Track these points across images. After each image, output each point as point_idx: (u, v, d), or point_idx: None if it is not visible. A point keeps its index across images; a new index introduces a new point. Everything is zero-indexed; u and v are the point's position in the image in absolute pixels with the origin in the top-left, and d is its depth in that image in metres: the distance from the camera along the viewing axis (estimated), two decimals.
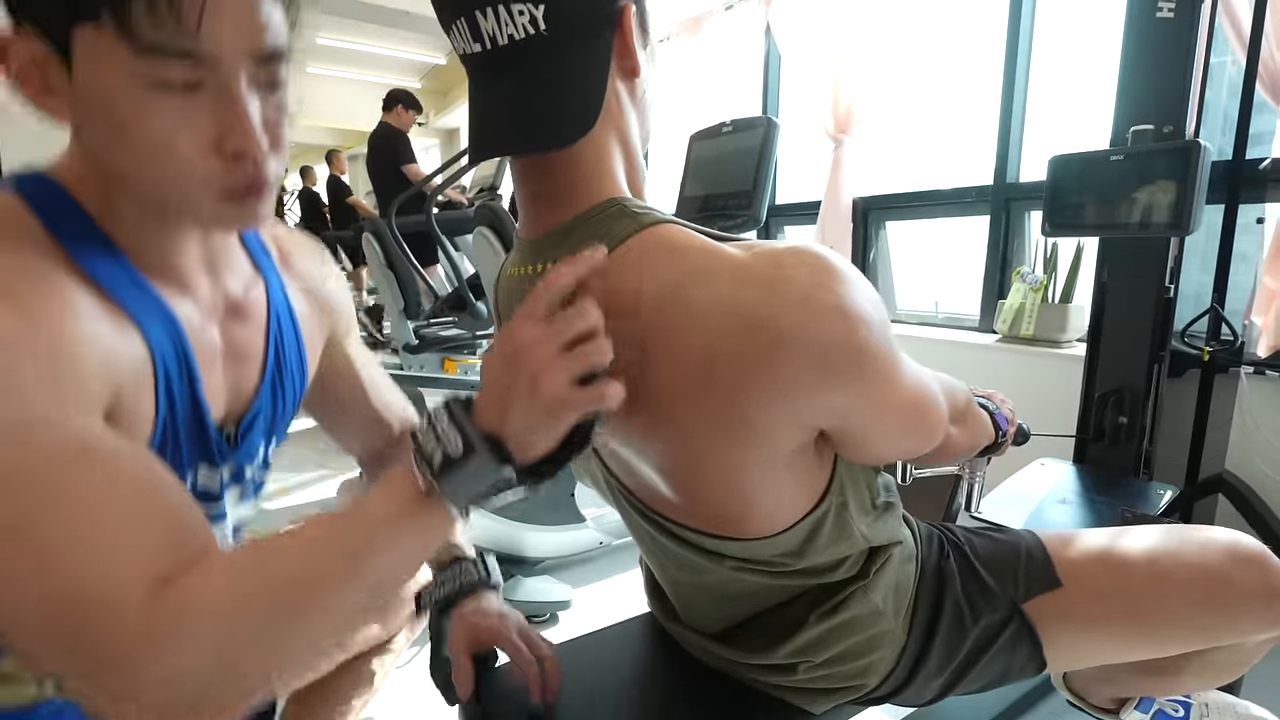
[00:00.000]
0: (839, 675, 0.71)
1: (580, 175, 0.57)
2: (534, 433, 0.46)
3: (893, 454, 0.64)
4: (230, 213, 0.50)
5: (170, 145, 0.45)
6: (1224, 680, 0.79)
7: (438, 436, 0.45)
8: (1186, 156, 1.20)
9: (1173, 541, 0.71)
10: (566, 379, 0.45)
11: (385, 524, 0.45)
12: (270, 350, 0.63)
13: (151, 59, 0.43)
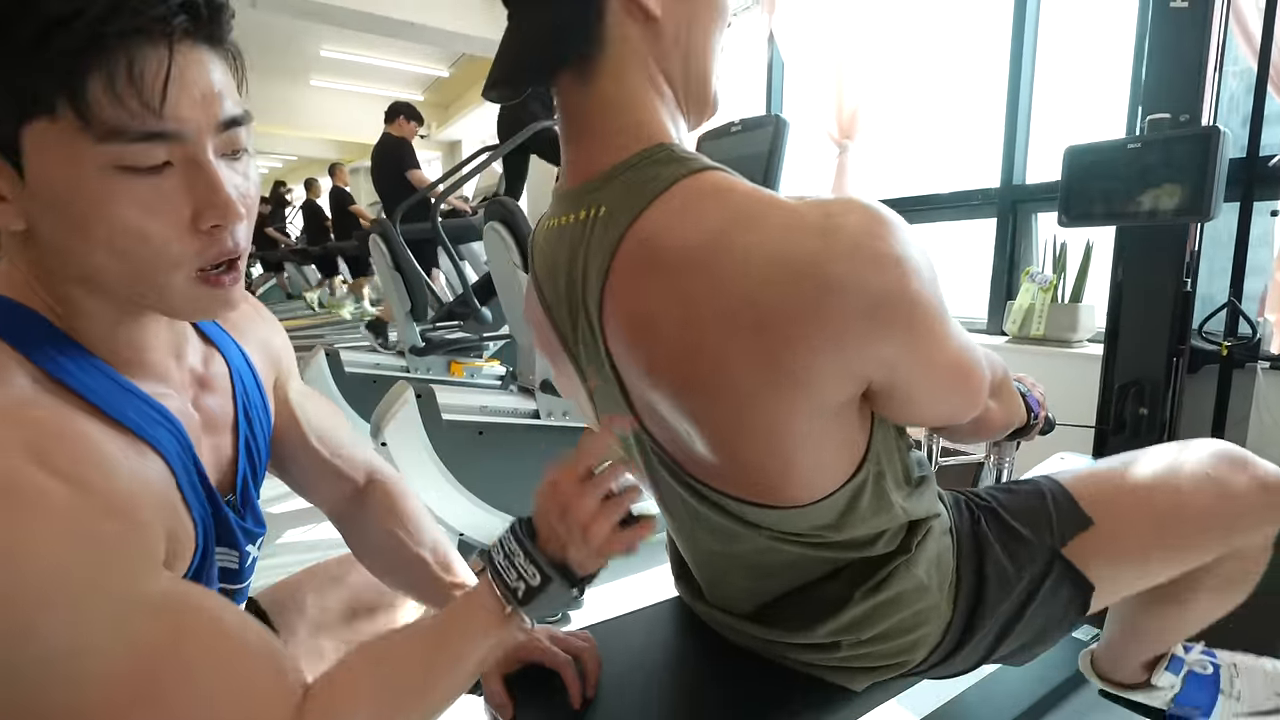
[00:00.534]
0: (882, 653, 0.69)
1: (616, 116, 0.57)
2: (588, 563, 0.57)
3: (936, 415, 0.63)
4: (206, 297, 0.48)
5: (143, 230, 0.43)
6: (1238, 597, 0.80)
7: (518, 571, 0.56)
8: (1206, 142, 1.20)
9: (1174, 460, 0.75)
10: (608, 527, 0.56)
11: (477, 640, 0.55)
12: (240, 414, 0.62)
13: (115, 144, 0.41)
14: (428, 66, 7.07)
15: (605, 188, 0.57)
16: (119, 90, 0.40)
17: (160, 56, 0.41)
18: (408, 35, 5.20)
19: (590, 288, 0.58)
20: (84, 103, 0.40)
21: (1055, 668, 1.23)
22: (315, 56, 6.80)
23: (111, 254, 0.44)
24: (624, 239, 0.55)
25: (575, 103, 0.59)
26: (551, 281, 0.65)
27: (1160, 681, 0.91)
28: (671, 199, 0.54)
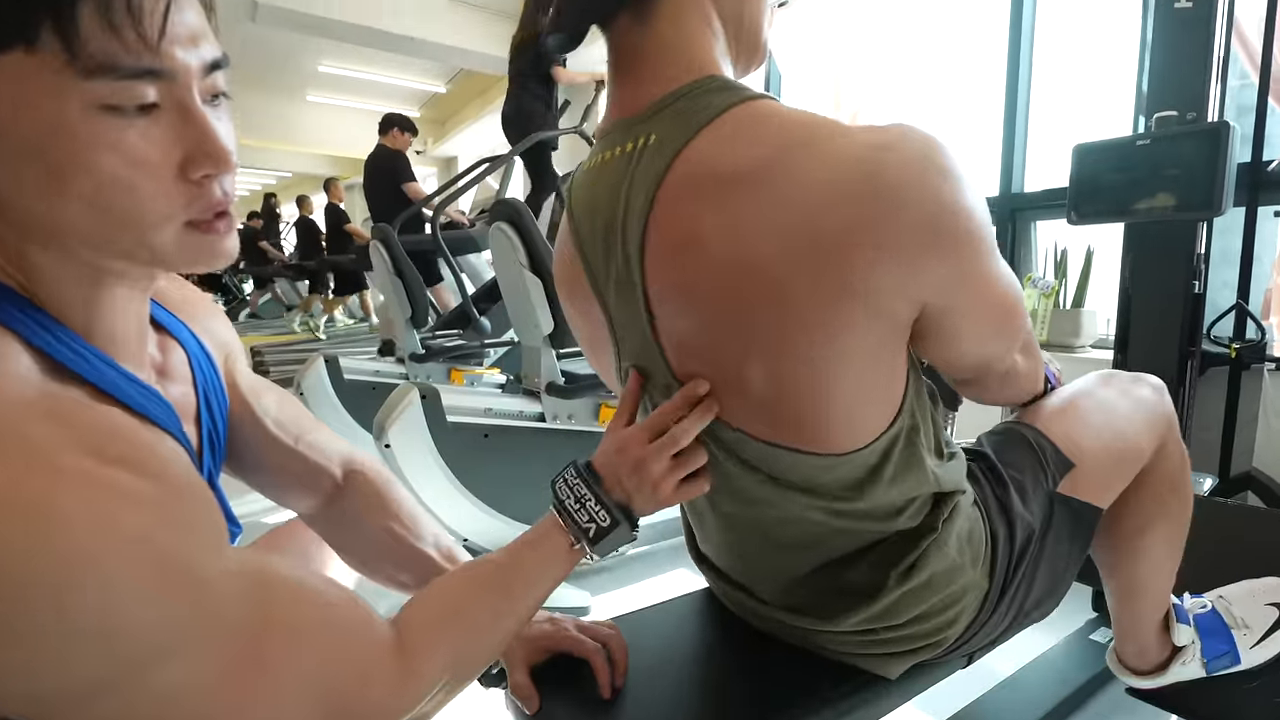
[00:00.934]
0: (920, 633, 0.68)
1: (670, 54, 0.58)
2: (648, 509, 0.63)
3: (978, 354, 0.63)
4: (200, 243, 0.44)
5: (131, 182, 0.39)
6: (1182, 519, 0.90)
7: (590, 514, 0.61)
8: (1216, 137, 1.21)
9: (1109, 388, 0.84)
10: (674, 484, 0.62)
11: (549, 574, 0.60)
12: (201, 404, 0.58)
13: (104, 80, 0.37)
14: (425, 82, 7.12)
15: (654, 118, 0.57)
16: (115, 20, 0.37)
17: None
18: (407, 50, 5.25)
19: (633, 216, 0.57)
20: (73, 32, 0.36)
21: (1078, 668, 1.22)
22: (313, 72, 6.84)
23: (91, 208, 0.40)
24: (673, 165, 0.55)
25: (631, 43, 0.59)
26: (589, 218, 0.64)
27: (1181, 639, 0.94)
28: (723, 125, 0.54)
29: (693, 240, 0.54)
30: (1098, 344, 2.23)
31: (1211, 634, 0.96)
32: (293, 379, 2.61)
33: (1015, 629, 0.82)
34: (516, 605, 0.58)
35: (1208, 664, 0.95)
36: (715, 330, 0.56)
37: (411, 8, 4.87)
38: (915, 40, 2.92)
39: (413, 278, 2.65)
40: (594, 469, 0.63)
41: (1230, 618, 0.98)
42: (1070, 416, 0.80)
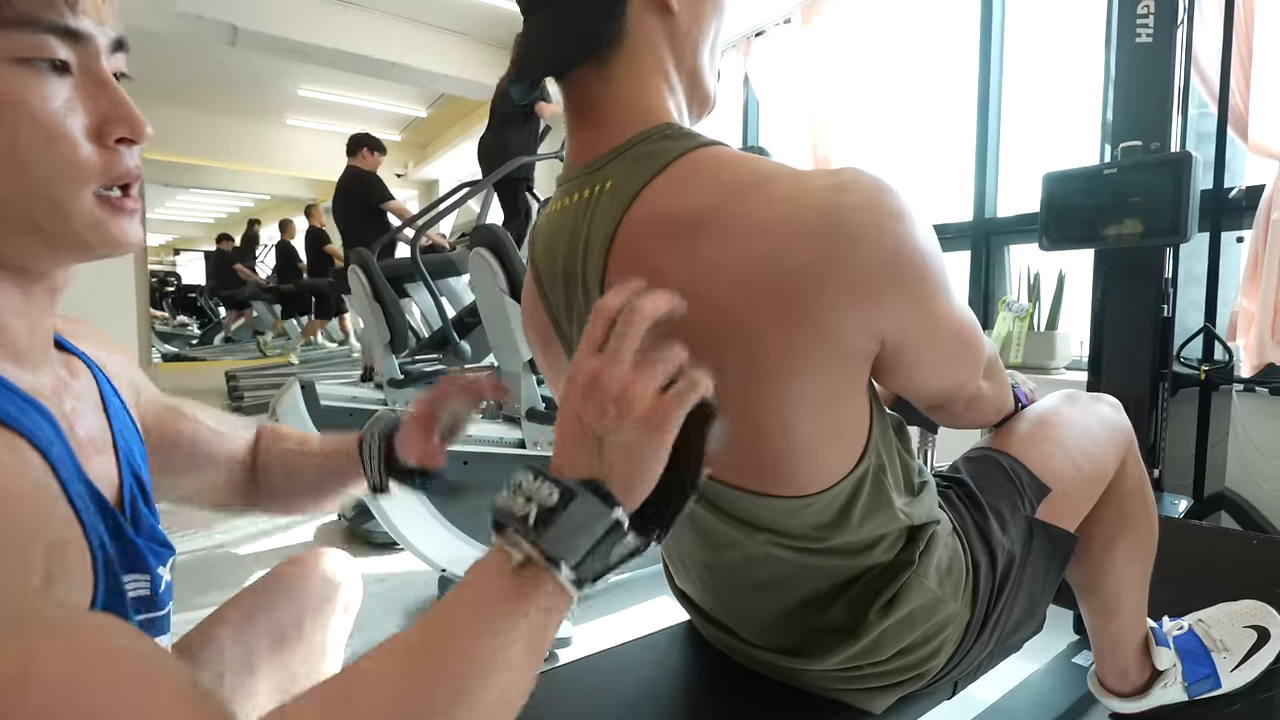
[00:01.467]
0: (905, 666, 0.67)
1: (626, 104, 0.59)
2: (636, 461, 0.40)
3: (941, 384, 0.64)
4: (111, 221, 0.43)
5: (52, 130, 0.39)
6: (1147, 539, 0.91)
7: (526, 495, 0.38)
8: (1180, 166, 1.25)
9: (1075, 409, 0.86)
10: (652, 388, 0.40)
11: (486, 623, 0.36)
12: (114, 430, 0.55)
13: (23, 32, 0.38)
14: (406, 106, 7.13)
15: (610, 165, 0.58)
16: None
17: None
18: (389, 75, 5.25)
19: (592, 258, 0.58)
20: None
21: (1061, 692, 1.21)
22: (293, 96, 6.83)
23: (7, 161, 0.39)
24: (629, 210, 0.56)
25: (589, 93, 0.60)
26: (549, 262, 0.64)
27: (1162, 662, 0.94)
28: (676, 171, 0.55)
29: (652, 275, 0.52)
30: (1072, 366, 2.27)
31: (1192, 657, 0.97)
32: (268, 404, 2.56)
33: (998, 656, 0.82)
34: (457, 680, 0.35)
35: (1189, 687, 0.96)
36: None
37: (394, 34, 4.90)
38: (890, 69, 2.99)
39: (391, 302, 2.63)
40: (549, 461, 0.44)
41: (1210, 640, 0.98)
42: (1042, 440, 0.81)
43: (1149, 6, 1.38)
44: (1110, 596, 0.90)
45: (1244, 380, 1.73)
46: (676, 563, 0.75)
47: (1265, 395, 1.69)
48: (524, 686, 0.37)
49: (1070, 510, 0.80)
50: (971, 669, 0.76)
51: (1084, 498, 0.82)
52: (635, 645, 0.81)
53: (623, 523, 0.39)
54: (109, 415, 0.55)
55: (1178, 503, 1.42)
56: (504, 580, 0.37)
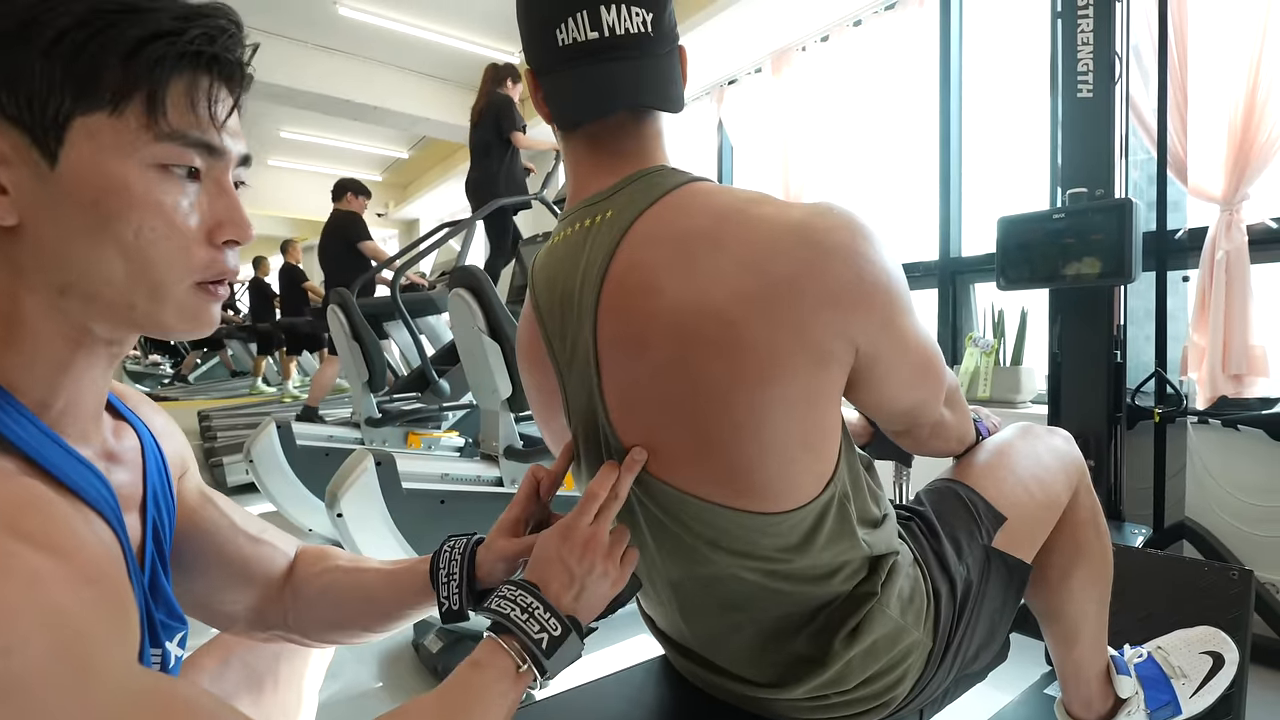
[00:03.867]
0: (870, 695, 0.69)
1: (641, 151, 0.67)
2: (596, 606, 0.60)
3: (904, 400, 0.68)
4: (200, 305, 0.49)
5: (173, 224, 0.45)
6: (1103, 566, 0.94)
7: (540, 623, 0.55)
8: (1122, 211, 1.33)
9: (1029, 442, 0.90)
10: (618, 555, 0.61)
11: (494, 705, 0.52)
12: (149, 495, 0.57)
13: (171, 144, 0.45)
14: (387, 148, 7.23)
15: (612, 197, 0.65)
16: (196, 101, 0.45)
17: (218, 82, 0.47)
18: (371, 118, 5.35)
19: (590, 278, 0.63)
20: (161, 103, 0.44)
21: None
22: (275, 137, 6.90)
23: (124, 255, 0.44)
24: (629, 232, 0.62)
25: (620, 135, 0.67)
26: (549, 290, 0.69)
27: (1124, 690, 0.97)
28: (672, 199, 0.62)
29: (647, 290, 0.60)
30: (1038, 399, 2.33)
31: (1153, 684, 0.99)
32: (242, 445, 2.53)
33: (963, 684, 0.84)
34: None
35: (1151, 714, 0.98)
36: (662, 379, 0.60)
37: (376, 78, 5.00)
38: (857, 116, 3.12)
39: (370, 341, 2.64)
40: (530, 582, 0.58)
41: (1169, 667, 1.01)
42: (999, 471, 0.85)
43: (1088, 65, 1.48)
44: (1070, 625, 0.93)
45: (1198, 413, 1.79)
46: (648, 595, 0.76)
47: (1218, 427, 1.75)
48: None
49: (1026, 537, 0.83)
50: (936, 696, 0.78)
51: (1039, 525, 0.86)
52: (610, 681, 0.82)
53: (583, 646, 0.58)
54: (145, 477, 0.57)
55: (1137, 533, 1.46)
56: (507, 676, 0.53)
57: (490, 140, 3.49)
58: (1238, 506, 1.69)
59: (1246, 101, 1.76)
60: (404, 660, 1.75)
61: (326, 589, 0.70)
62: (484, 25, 4.40)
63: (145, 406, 0.63)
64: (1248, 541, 1.67)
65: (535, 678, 0.54)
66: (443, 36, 4.49)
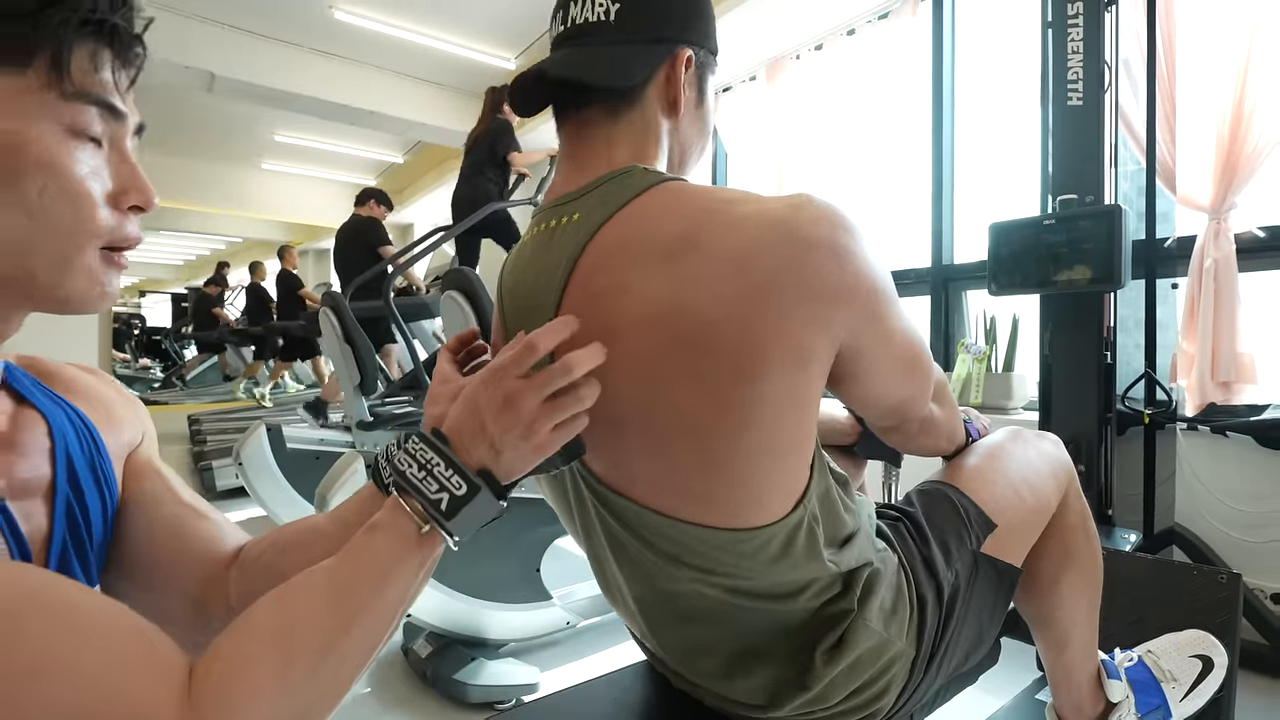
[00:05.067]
0: (855, 707, 0.68)
1: (615, 150, 0.66)
2: (518, 465, 0.52)
3: (891, 396, 0.66)
4: (104, 276, 0.49)
5: (82, 188, 0.45)
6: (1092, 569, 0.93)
7: (440, 481, 0.49)
8: (1111, 217, 1.34)
9: (1020, 446, 0.90)
10: (551, 426, 0.51)
11: (395, 571, 0.47)
12: (61, 479, 0.54)
13: (77, 104, 0.45)
14: (382, 153, 7.23)
15: (582, 198, 0.63)
16: (98, 61, 0.46)
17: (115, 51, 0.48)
18: (367, 123, 5.34)
19: (553, 279, 0.61)
20: (65, 63, 0.44)
21: None
22: (269, 141, 6.88)
23: (28, 214, 0.44)
24: (595, 236, 0.60)
25: (595, 132, 0.66)
26: (515, 289, 0.68)
27: (1115, 695, 0.96)
28: (644, 201, 0.60)
29: (612, 291, 0.58)
30: (1029, 406, 2.34)
31: (1143, 688, 0.99)
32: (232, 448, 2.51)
33: (953, 687, 0.83)
34: (366, 613, 0.45)
35: (1141, 718, 0.98)
36: (624, 383, 0.56)
37: (372, 83, 5.01)
38: (850, 124, 3.14)
39: (362, 344, 2.63)
40: (441, 432, 0.52)
41: (1159, 671, 1.01)
42: (988, 472, 0.84)
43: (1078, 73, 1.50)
44: (1060, 629, 0.92)
45: (1188, 419, 1.80)
46: (614, 595, 0.75)
47: (1207, 434, 1.76)
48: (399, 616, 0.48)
49: (1016, 541, 0.83)
50: (925, 701, 0.77)
51: (1029, 529, 0.85)
52: (599, 683, 0.81)
53: (503, 509, 0.51)
54: (55, 463, 0.53)
55: (1127, 538, 1.47)
56: (406, 540, 0.48)
57: (484, 160, 3.52)
58: (1227, 513, 1.70)
59: (1234, 111, 1.79)
60: (394, 666, 1.73)
61: (274, 542, 0.65)
62: (480, 30, 4.41)
63: (81, 381, 0.60)
64: (1236, 547, 1.68)
65: (443, 540, 0.49)
66: (439, 42, 4.50)
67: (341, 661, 0.44)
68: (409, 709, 1.53)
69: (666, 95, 0.67)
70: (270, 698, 0.40)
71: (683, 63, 0.67)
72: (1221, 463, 1.72)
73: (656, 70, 0.66)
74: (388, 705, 1.55)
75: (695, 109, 0.70)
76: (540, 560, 1.84)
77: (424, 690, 1.61)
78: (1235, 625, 1.06)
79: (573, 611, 1.82)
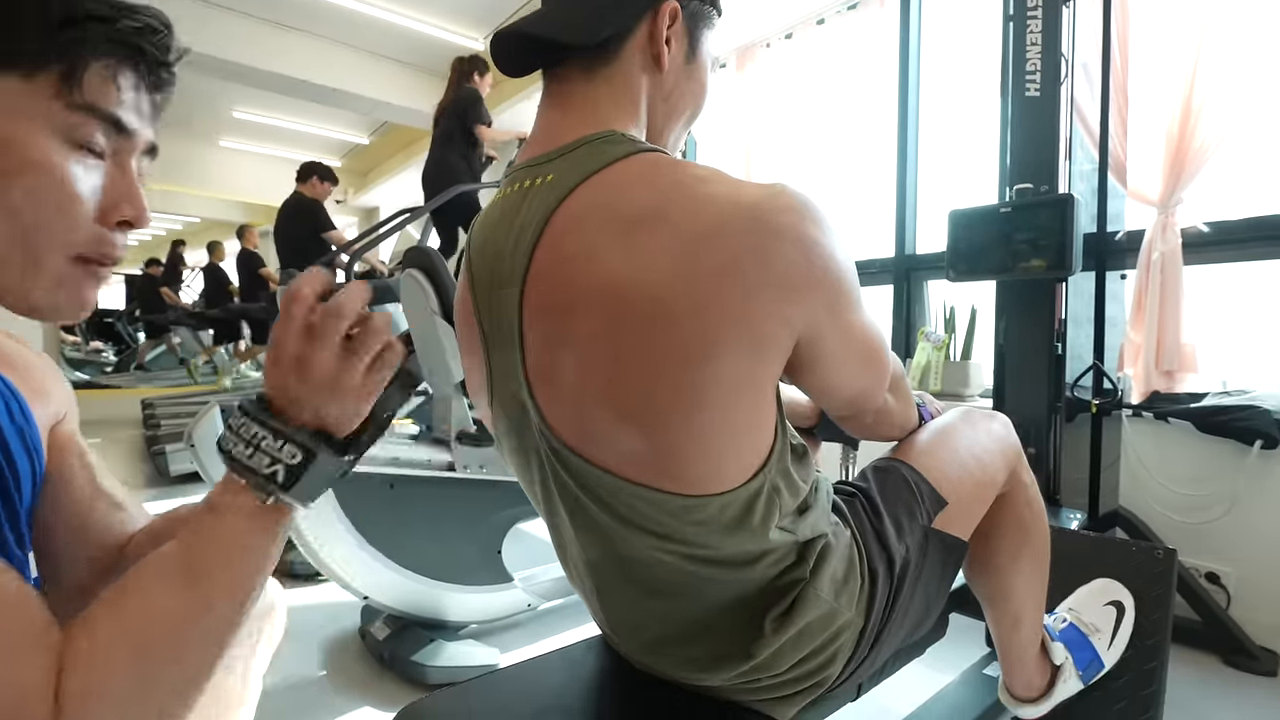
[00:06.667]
0: (802, 676, 0.69)
1: (592, 113, 0.64)
2: (353, 418, 0.49)
3: (848, 388, 0.67)
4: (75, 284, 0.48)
5: (71, 195, 0.46)
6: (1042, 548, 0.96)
7: (270, 456, 0.46)
8: (1064, 207, 1.37)
9: (970, 425, 0.92)
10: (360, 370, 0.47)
11: (241, 547, 0.46)
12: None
13: (86, 118, 0.46)
14: (347, 133, 7.05)
15: (556, 160, 0.62)
16: (119, 80, 0.47)
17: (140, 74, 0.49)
18: (329, 100, 5.20)
19: (523, 239, 0.60)
20: (79, 76, 0.45)
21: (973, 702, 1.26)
22: (227, 117, 6.66)
23: (9, 210, 0.44)
24: (565, 200, 0.58)
25: (570, 89, 0.65)
26: (482, 250, 0.66)
27: (1058, 657, 1.00)
28: (618, 169, 0.59)
29: (581, 256, 0.57)
30: (985, 393, 2.40)
31: (1077, 646, 1.04)
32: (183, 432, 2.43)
33: (901, 658, 0.85)
34: (208, 594, 0.44)
35: (1082, 675, 1.02)
36: (587, 350, 0.57)
37: (334, 59, 4.87)
38: (817, 113, 3.16)
39: None
40: (264, 397, 0.48)
41: (1085, 626, 1.06)
42: (940, 451, 0.86)
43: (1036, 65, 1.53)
44: (1014, 605, 0.95)
45: (1133, 406, 1.87)
46: (569, 564, 0.75)
47: (1151, 420, 1.83)
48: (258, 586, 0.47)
49: (964, 515, 0.85)
50: (874, 671, 0.79)
51: (976, 504, 0.87)
52: (553, 657, 0.81)
53: (349, 463, 0.49)
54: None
55: (1073, 518, 1.52)
56: (249, 515, 0.46)
57: (453, 129, 3.44)
58: (1168, 496, 1.77)
59: (1183, 108, 1.84)
60: (351, 648, 1.71)
61: (152, 531, 0.65)
62: (449, 9, 4.32)
63: (5, 348, 0.60)
64: (1176, 528, 1.75)
65: (290, 507, 0.47)
66: (405, 19, 4.40)
67: (203, 646, 0.44)
68: (366, 691, 1.51)
69: (650, 51, 0.65)
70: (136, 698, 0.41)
71: (665, 15, 0.64)
72: (1164, 448, 1.79)
73: (636, 25, 0.64)
74: (343, 687, 1.53)
75: (685, 65, 0.68)
76: (502, 543, 1.83)
77: (381, 673, 1.59)
78: (1169, 598, 1.11)
79: (534, 594, 1.82)
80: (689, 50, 0.67)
